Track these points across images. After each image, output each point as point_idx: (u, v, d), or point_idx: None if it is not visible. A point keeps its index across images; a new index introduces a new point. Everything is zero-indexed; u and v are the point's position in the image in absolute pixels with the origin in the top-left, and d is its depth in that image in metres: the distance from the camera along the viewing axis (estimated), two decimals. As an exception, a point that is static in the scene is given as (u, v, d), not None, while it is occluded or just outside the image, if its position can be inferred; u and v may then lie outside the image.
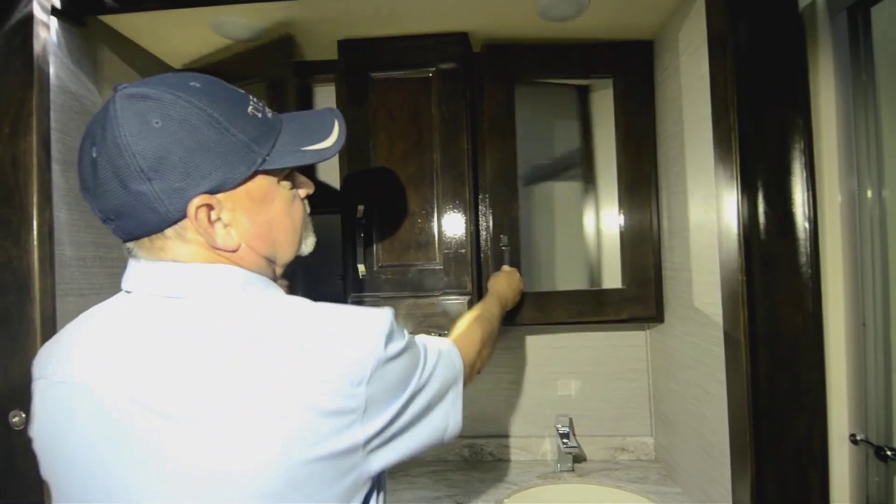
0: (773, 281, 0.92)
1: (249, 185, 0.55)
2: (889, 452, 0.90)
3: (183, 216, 0.51)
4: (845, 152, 0.93)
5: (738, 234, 0.92)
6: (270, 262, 0.60)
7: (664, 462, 1.39)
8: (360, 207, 1.21)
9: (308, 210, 0.66)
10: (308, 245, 0.66)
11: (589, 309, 1.31)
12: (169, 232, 0.52)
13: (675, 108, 1.19)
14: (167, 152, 0.49)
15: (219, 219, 0.53)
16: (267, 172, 0.56)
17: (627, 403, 1.47)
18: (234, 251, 0.55)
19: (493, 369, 1.48)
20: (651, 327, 1.44)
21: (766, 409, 0.94)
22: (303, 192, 0.64)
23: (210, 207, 0.52)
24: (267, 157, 0.55)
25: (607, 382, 1.47)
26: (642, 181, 1.30)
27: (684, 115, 1.14)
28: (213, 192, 0.52)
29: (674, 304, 1.26)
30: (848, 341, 0.94)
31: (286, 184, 0.60)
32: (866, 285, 0.94)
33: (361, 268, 1.20)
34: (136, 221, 0.51)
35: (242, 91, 0.57)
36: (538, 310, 1.30)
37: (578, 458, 1.44)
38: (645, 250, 1.30)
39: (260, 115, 0.56)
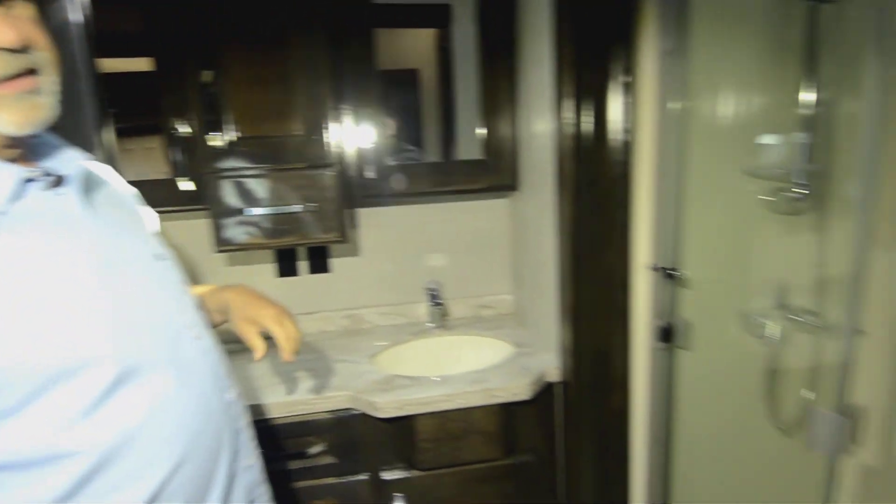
0: (590, 165, 1.10)
1: None
2: (673, 273, 1.13)
3: None
4: (660, 78, 1.10)
5: (572, 136, 1.09)
6: None
7: (519, 313, 1.60)
8: (207, 72, 1.15)
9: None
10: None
11: (451, 179, 1.41)
12: None
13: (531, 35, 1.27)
14: None
15: None
16: None
17: (490, 266, 1.64)
18: None
19: (370, 245, 1.55)
20: (509, 195, 1.58)
21: (584, 246, 1.12)
22: None
23: None
24: None
25: (472, 249, 1.62)
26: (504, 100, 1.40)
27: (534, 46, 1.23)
28: None
29: (525, 175, 1.39)
30: (650, 191, 1.13)
31: None
32: (668, 158, 1.12)
33: (217, 139, 1.17)
34: None
35: None
36: (405, 181, 1.37)
37: (447, 317, 1.61)
38: (505, 128, 1.41)
39: None
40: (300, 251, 1.50)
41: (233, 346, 0.89)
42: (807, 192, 1.15)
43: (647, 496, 1.25)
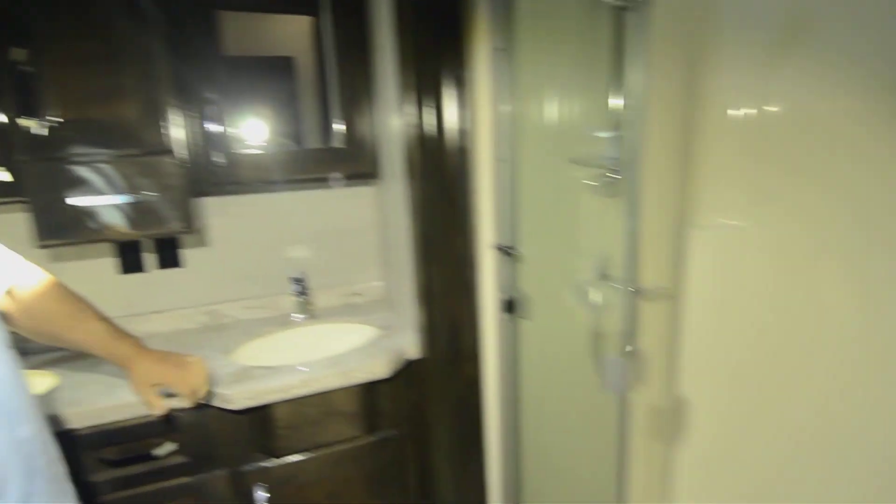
0: (434, 155, 1.17)
1: None
2: (512, 251, 1.24)
3: None
4: (493, 74, 1.20)
5: (415, 128, 1.14)
6: None
7: (389, 298, 1.65)
8: (18, 50, 1.04)
9: None
10: None
11: (308, 167, 1.41)
12: None
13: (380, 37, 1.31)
14: None
15: None
16: None
17: (359, 254, 1.67)
18: None
19: (226, 236, 1.50)
20: (374, 184, 1.61)
21: (433, 230, 1.19)
22: None
23: None
24: None
25: (340, 238, 1.63)
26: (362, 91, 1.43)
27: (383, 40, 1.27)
28: None
29: (384, 163, 1.44)
30: (490, 179, 1.23)
31: None
32: (503, 149, 1.23)
33: (31, 123, 1.06)
34: None
35: None
36: (261, 170, 1.35)
37: (315, 307, 1.61)
38: (364, 118, 1.43)
39: None
40: (146, 245, 1.40)
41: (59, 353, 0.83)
42: (619, 177, 1.33)
43: (502, 452, 1.36)
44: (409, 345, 1.28)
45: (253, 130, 1.43)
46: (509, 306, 1.27)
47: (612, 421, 0.91)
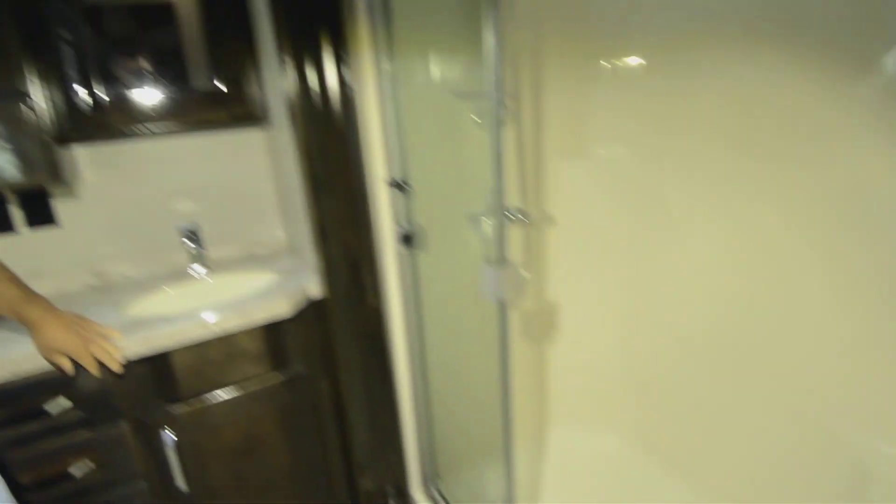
0: (318, 95, 1.17)
1: None
2: (405, 185, 1.29)
3: None
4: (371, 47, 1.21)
5: (295, 72, 1.13)
6: None
7: (292, 246, 1.65)
8: None
9: None
10: None
11: (193, 109, 1.35)
12: None
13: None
14: None
15: None
16: None
17: (258, 203, 1.64)
18: None
19: (107, 188, 1.41)
20: (264, 128, 1.57)
21: (323, 169, 1.20)
22: None
23: None
24: None
25: (235, 186, 1.59)
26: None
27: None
28: None
29: (273, 105, 1.41)
30: (377, 115, 1.26)
31: None
32: (386, 84, 1.25)
33: None
34: None
35: None
36: (137, 113, 1.27)
37: (213, 259, 1.58)
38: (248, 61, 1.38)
39: None
40: (11, 200, 1.29)
41: None
42: (505, 110, 1.40)
43: (411, 377, 1.46)
44: (311, 285, 1.31)
45: (128, 73, 1.34)
46: (406, 240, 1.33)
47: (496, 329, 1.01)
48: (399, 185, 1.30)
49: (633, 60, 1.42)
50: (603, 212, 1.63)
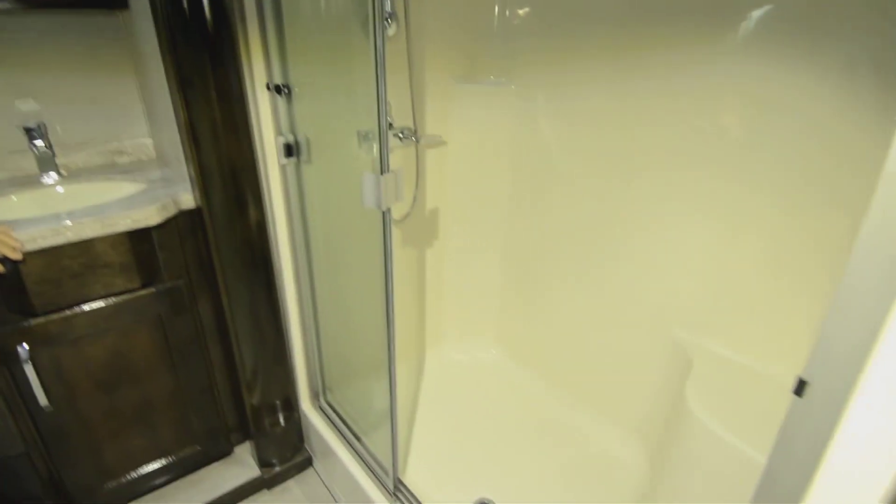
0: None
1: None
2: (286, 90, 1.23)
3: None
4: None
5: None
6: None
7: (161, 154, 1.52)
8: None
9: None
10: None
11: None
12: None
13: None
14: None
15: None
16: None
17: (117, 103, 1.46)
18: None
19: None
20: (121, 14, 1.38)
21: (190, 67, 1.10)
22: None
23: None
24: None
25: (89, 80, 1.40)
26: None
27: None
28: None
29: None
30: (253, 12, 1.16)
31: None
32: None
33: None
34: None
35: None
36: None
37: (69, 167, 1.41)
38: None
39: None
40: None
41: None
42: (391, 18, 1.36)
43: (297, 289, 1.46)
44: (184, 195, 1.23)
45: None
46: (289, 150, 1.28)
47: (378, 241, 1.03)
48: (280, 90, 1.23)
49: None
50: (491, 134, 1.68)
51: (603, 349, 1.59)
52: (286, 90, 1.23)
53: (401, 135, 1.53)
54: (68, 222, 1.04)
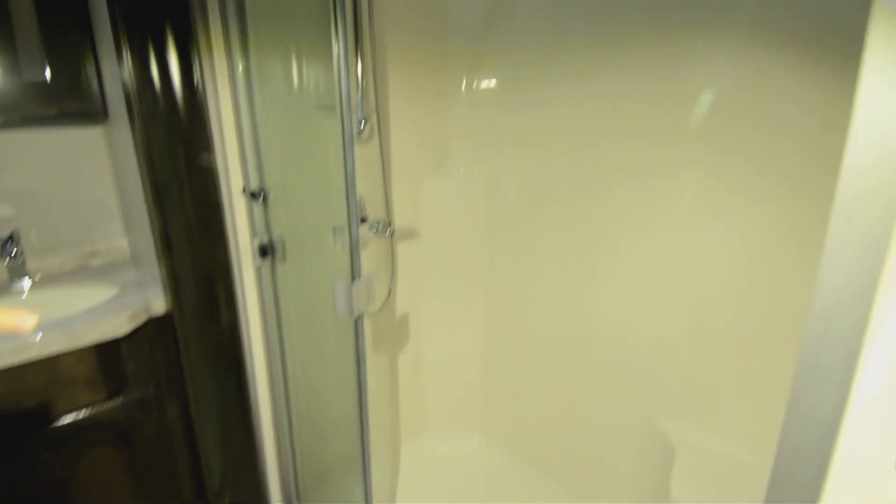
0: (161, 95, 1.09)
1: None
2: (262, 195, 1.26)
3: None
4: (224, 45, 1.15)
5: (134, 66, 1.06)
6: None
7: (136, 257, 1.51)
8: None
9: None
10: None
11: (11, 102, 1.19)
12: None
13: None
14: None
15: None
16: None
17: (94, 207, 1.48)
18: None
19: None
20: (102, 125, 1.43)
21: (167, 175, 1.13)
22: None
23: None
24: None
25: (66, 184, 1.42)
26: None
27: None
28: None
29: (113, 102, 1.28)
30: (232, 123, 1.21)
31: None
32: (244, 103, 1.21)
33: None
34: None
35: None
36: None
37: (36, 273, 1.39)
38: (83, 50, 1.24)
39: None
40: None
41: None
42: (365, 123, 1.43)
43: (270, 392, 1.41)
44: (156, 300, 1.22)
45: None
46: (264, 251, 1.29)
47: (351, 344, 1.03)
48: (255, 195, 1.26)
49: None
50: (465, 224, 1.72)
51: (588, 430, 1.55)
52: (262, 194, 1.26)
53: (375, 228, 1.56)
54: (30, 341, 1.01)
